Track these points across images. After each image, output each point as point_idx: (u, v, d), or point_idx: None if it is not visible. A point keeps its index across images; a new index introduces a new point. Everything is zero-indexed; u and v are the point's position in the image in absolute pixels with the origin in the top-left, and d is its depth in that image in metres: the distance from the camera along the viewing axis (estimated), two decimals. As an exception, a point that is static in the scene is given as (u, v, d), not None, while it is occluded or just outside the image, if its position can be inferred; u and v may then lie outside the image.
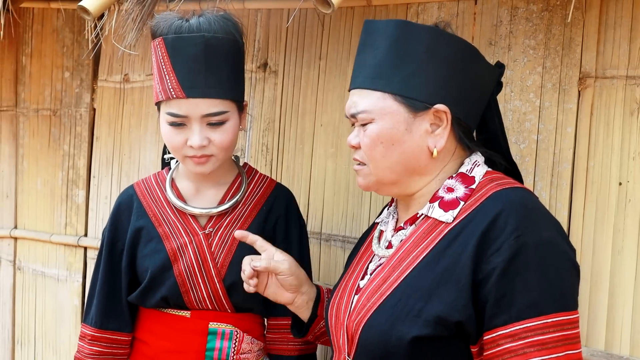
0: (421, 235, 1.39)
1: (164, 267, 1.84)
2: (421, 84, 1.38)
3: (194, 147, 1.73)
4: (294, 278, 1.66)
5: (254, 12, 2.46)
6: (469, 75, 1.43)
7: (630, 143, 1.75)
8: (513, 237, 1.25)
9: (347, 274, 1.58)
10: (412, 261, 1.36)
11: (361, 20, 2.24)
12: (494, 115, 1.51)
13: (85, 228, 3.01)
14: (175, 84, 1.71)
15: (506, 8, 1.94)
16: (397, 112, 1.38)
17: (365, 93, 1.42)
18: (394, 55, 1.39)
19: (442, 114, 1.39)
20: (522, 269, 1.24)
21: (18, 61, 3.20)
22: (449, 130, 1.40)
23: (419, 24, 1.44)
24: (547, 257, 1.26)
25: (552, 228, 1.31)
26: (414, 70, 1.38)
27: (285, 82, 2.43)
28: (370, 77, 1.41)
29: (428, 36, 1.39)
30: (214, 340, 1.85)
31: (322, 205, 2.34)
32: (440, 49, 1.39)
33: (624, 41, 1.77)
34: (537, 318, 1.22)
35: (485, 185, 1.38)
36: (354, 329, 1.39)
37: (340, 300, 1.51)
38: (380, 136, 1.39)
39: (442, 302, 1.28)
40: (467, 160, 1.45)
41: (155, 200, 1.91)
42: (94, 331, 1.91)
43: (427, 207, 1.41)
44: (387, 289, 1.36)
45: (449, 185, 1.42)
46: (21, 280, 3.24)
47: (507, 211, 1.29)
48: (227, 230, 1.86)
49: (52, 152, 3.11)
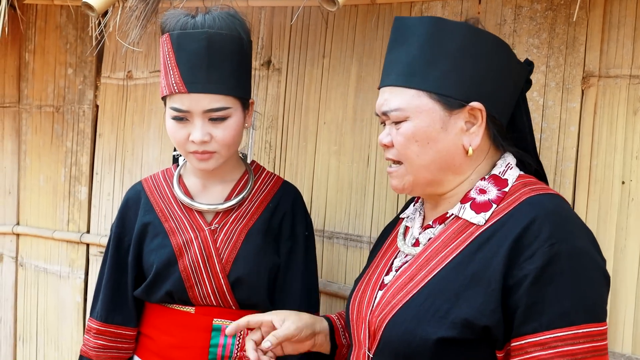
0: (451, 235, 1.37)
1: (169, 262, 1.85)
2: (456, 82, 1.36)
3: (195, 142, 1.75)
4: (305, 330, 1.60)
5: (258, 9, 2.47)
6: (502, 72, 1.41)
7: (633, 142, 1.75)
8: (547, 244, 1.24)
9: (370, 268, 1.57)
10: (441, 261, 1.34)
11: (365, 18, 2.25)
12: (523, 114, 1.50)
13: (87, 225, 3.02)
14: (178, 79, 1.73)
15: (510, 7, 1.95)
16: (432, 110, 1.36)
17: (398, 91, 1.39)
18: (428, 52, 1.37)
19: (477, 111, 1.37)
20: (554, 277, 1.23)
21: (21, 57, 3.20)
22: (484, 129, 1.38)
23: (452, 20, 1.42)
24: (580, 266, 1.25)
25: (585, 237, 1.30)
26: (449, 67, 1.36)
27: (288, 79, 2.43)
28: (403, 75, 1.39)
29: (462, 33, 1.37)
30: (217, 336, 1.85)
31: (325, 202, 2.35)
32: (474, 46, 1.37)
33: (628, 40, 1.77)
34: (568, 328, 1.21)
35: (518, 190, 1.36)
36: (377, 325, 1.38)
37: (363, 294, 1.50)
38: (415, 135, 1.37)
39: (470, 306, 1.26)
40: (500, 161, 1.43)
41: (163, 196, 1.92)
42: (99, 325, 1.92)
43: (458, 208, 1.40)
44: (413, 288, 1.35)
45: (481, 186, 1.40)
46: (23, 276, 3.24)
47: (542, 218, 1.27)
48: (232, 226, 1.87)
49: (55, 149, 3.11)
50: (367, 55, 2.24)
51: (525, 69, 1.49)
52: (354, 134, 2.27)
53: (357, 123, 2.26)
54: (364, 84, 2.25)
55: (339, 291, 2.29)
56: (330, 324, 1.69)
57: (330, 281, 2.33)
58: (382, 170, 2.21)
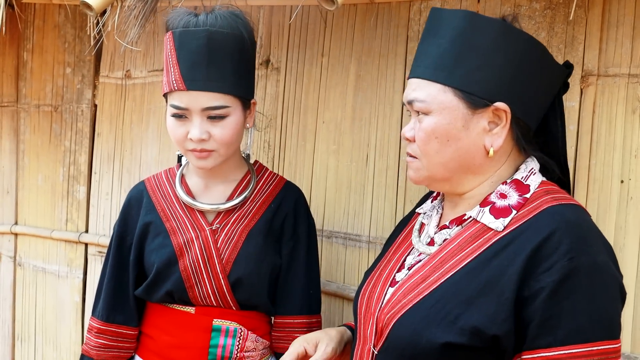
0: (467, 238, 1.34)
1: (170, 262, 1.84)
2: (483, 80, 1.33)
3: (193, 139, 1.75)
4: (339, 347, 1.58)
5: (257, 8, 2.46)
6: (534, 74, 1.37)
7: (632, 141, 1.75)
8: (566, 258, 1.21)
9: (382, 262, 1.54)
10: (455, 265, 1.32)
11: (364, 17, 2.24)
12: (557, 117, 1.46)
13: (86, 224, 3.01)
14: (178, 76, 1.73)
15: (509, 6, 1.95)
16: (455, 108, 1.33)
17: (425, 83, 1.36)
18: (459, 47, 1.34)
19: (502, 112, 1.34)
20: (572, 292, 1.20)
21: (19, 57, 3.19)
22: (508, 130, 1.35)
23: (487, 16, 1.38)
24: (598, 282, 1.22)
25: (605, 252, 1.27)
26: (478, 64, 1.33)
27: (287, 79, 2.43)
28: (431, 68, 1.36)
29: (495, 29, 1.33)
30: (217, 337, 1.85)
31: (324, 202, 2.35)
32: (507, 44, 1.34)
33: (627, 39, 1.77)
34: (584, 345, 1.19)
35: (540, 197, 1.33)
36: (384, 322, 1.36)
37: (373, 289, 1.48)
38: (435, 131, 1.35)
39: (481, 313, 1.24)
40: (522, 166, 1.40)
41: (165, 196, 1.93)
42: (100, 324, 1.92)
43: (477, 211, 1.37)
44: (425, 289, 1.32)
45: (502, 191, 1.37)
46: (22, 276, 3.24)
47: (562, 230, 1.24)
48: (234, 226, 1.87)
49: (53, 148, 3.10)
50: (366, 54, 2.24)
51: (564, 71, 1.45)
52: (353, 133, 2.27)
53: (356, 122, 2.26)
54: (362, 83, 2.25)
55: (338, 291, 2.29)
56: (351, 332, 1.66)
57: (329, 280, 2.33)
58: (381, 169, 2.21)
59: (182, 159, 2.01)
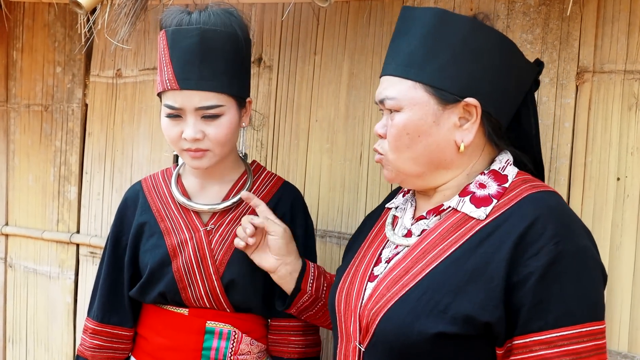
0: (448, 228, 1.36)
1: (163, 263, 1.82)
2: (453, 76, 1.35)
3: (187, 139, 1.73)
4: (283, 243, 1.69)
5: (248, 6, 2.44)
6: (505, 71, 1.39)
7: (628, 138, 1.74)
8: (552, 242, 1.23)
9: (356, 258, 1.54)
10: (439, 254, 1.33)
11: (356, 14, 2.22)
12: (531, 114, 1.48)
13: (77, 225, 2.99)
14: (171, 76, 1.70)
15: (503, 2, 1.93)
16: (426, 104, 1.35)
17: (396, 81, 1.39)
18: (429, 44, 1.36)
19: (472, 108, 1.36)
20: (560, 276, 1.23)
21: (9, 56, 3.16)
22: (478, 126, 1.37)
23: (457, 14, 1.40)
24: (583, 266, 1.25)
25: (586, 236, 1.30)
26: (448, 61, 1.35)
27: (279, 77, 2.41)
28: (402, 65, 1.38)
29: (465, 27, 1.35)
30: (211, 339, 1.83)
31: (318, 201, 2.33)
32: (476, 41, 1.35)
33: (622, 35, 1.76)
34: (573, 327, 1.22)
35: (518, 186, 1.36)
36: (370, 318, 1.36)
37: (351, 285, 1.47)
38: (407, 126, 1.37)
39: (470, 301, 1.25)
40: (498, 157, 1.43)
41: (160, 196, 1.90)
42: (95, 325, 1.90)
43: (457, 201, 1.38)
44: (410, 281, 1.33)
45: (481, 181, 1.39)
46: (12, 277, 3.20)
47: (546, 216, 1.27)
48: (228, 227, 1.84)
49: (44, 148, 3.07)
50: (358, 52, 2.22)
51: (534, 69, 1.47)
52: (346, 131, 2.25)
53: (350, 120, 2.24)
54: (355, 81, 2.23)
55: (332, 290, 2.27)
56: (303, 268, 1.74)
57: (323, 280, 2.31)
58: (375, 168, 2.19)
59: (179, 158, 1.98)
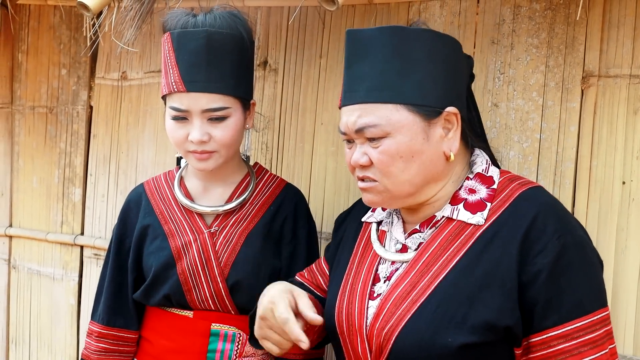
0: (447, 238, 1.34)
1: (167, 265, 1.82)
2: (431, 89, 1.34)
3: (194, 141, 1.73)
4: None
5: (254, 9, 2.45)
6: (460, 71, 1.43)
7: (633, 142, 1.74)
8: (555, 237, 1.26)
9: (348, 275, 1.50)
10: (445, 265, 1.32)
11: (362, 18, 2.23)
12: (472, 108, 1.50)
13: (81, 226, 2.99)
14: (178, 78, 1.71)
15: (509, 6, 1.94)
16: (413, 123, 1.32)
17: (372, 107, 1.33)
18: (398, 63, 1.32)
19: (452, 116, 1.36)
20: (566, 269, 1.25)
21: (14, 58, 3.17)
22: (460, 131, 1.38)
23: (412, 27, 1.39)
24: (584, 255, 1.28)
25: (580, 227, 1.34)
26: (421, 76, 1.33)
27: (285, 80, 2.41)
28: (375, 90, 1.33)
29: (427, 38, 1.35)
30: (216, 341, 1.83)
31: (323, 204, 2.33)
32: (439, 50, 1.36)
33: (628, 40, 1.76)
34: (585, 317, 1.24)
35: (507, 185, 1.37)
36: (382, 337, 1.33)
37: (350, 305, 1.44)
38: (399, 151, 1.33)
39: (487, 308, 1.25)
40: (478, 160, 1.43)
41: (163, 199, 1.91)
42: (100, 328, 1.91)
43: (450, 209, 1.38)
44: (420, 296, 1.31)
45: (470, 186, 1.39)
46: (16, 279, 3.21)
47: (544, 212, 1.29)
48: (232, 229, 1.85)
49: (49, 150, 3.08)
50: (364, 56, 2.22)
51: (469, 63, 1.50)
52: (352, 134, 2.25)
53: (355, 124, 2.24)
54: (361, 85, 2.23)
55: (337, 293, 2.27)
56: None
57: (327, 283, 2.31)
58: (380, 171, 2.19)
59: (181, 161, 1.99)
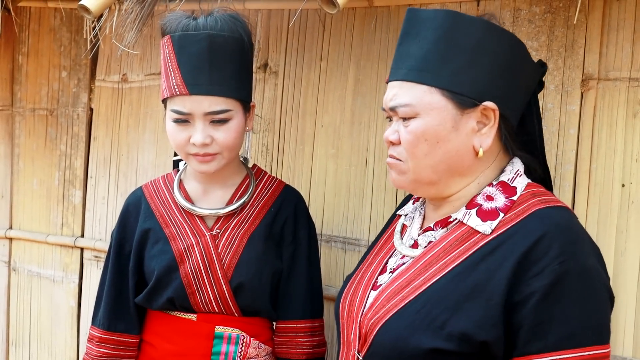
0: (453, 242, 1.32)
1: (170, 269, 1.83)
2: (471, 80, 1.31)
3: (196, 144, 1.73)
4: None
5: (255, 12, 2.45)
6: (517, 72, 1.36)
7: (633, 145, 1.75)
8: (557, 262, 1.20)
9: (363, 265, 1.52)
10: (441, 268, 1.30)
11: (362, 21, 2.24)
12: (534, 116, 1.45)
13: (82, 229, 2.99)
14: (180, 81, 1.71)
15: (509, 10, 1.94)
16: (444, 109, 1.30)
17: (409, 86, 1.33)
18: (444, 47, 1.31)
19: (490, 112, 1.32)
20: (563, 297, 1.19)
21: (14, 60, 3.17)
22: (496, 130, 1.34)
23: (468, 15, 1.37)
24: (588, 287, 1.21)
25: (593, 256, 1.26)
26: (464, 64, 1.30)
27: (285, 82, 2.42)
28: (415, 70, 1.32)
29: (479, 29, 1.32)
30: (220, 344, 1.83)
31: (323, 206, 2.34)
32: (491, 43, 1.32)
33: (627, 43, 1.77)
34: (575, 350, 1.18)
35: (527, 200, 1.31)
36: (368, 327, 1.33)
37: (354, 293, 1.45)
38: (425, 133, 1.31)
39: (468, 318, 1.22)
40: (508, 167, 1.38)
41: (163, 202, 1.90)
42: (101, 333, 1.90)
43: (463, 213, 1.34)
44: (410, 293, 1.30)
45: (489, 193, 1.35)
46: (16, 281, 3.21)
47: (552, 234, 1.22)
48: (234, 231, 1.85)
49: (49, 152, 3.08)
50: (364, 58, 2.23)
51: (539, 70, 1.45)
52: (352, 137, 2.26)
53: (355, 126, 2.25)
54: (361, 87, 2.24)
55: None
56: None
57: (328, 285, 2.31)
58: (380, 173, 2.20)
59: (179, 164, 1.99)
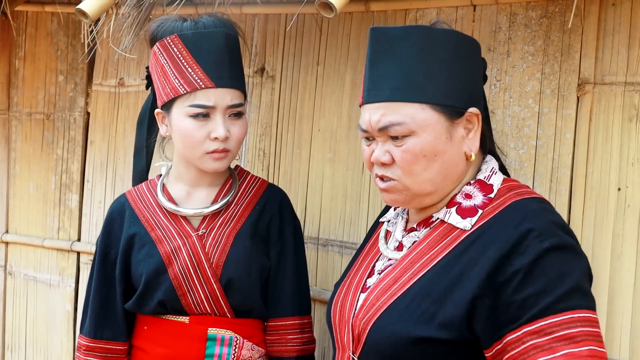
0: (436, 238, 1.38)
1: (158, 271, 1.82)
2: (455, 90, 1.37)
3: (219, 138, 1.76)
4: None
5: (252, 16, 2.46)
6: (478, 71, 1.45)
7: (629, 149, 1.76)
8: (537, 241, 1.24)
9: (351, 271, 1.56)
10: (426, 264, 1.35)
11: (359, 25, 2.24)
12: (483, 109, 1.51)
13: (78, 233, 2.99)
14: (202, 75, 1.74)
15: (505, 14, 1.95)
16: (437, 123, 1.35)
17: (397, 105, 1.35)
18: (424, 63, 1.35)
19: (474, 116, 1.39)
20: (545, 269, 1.23)
21: (11, 64, 3.17)
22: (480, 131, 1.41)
23: (438, 28, 1.41)
24: (571, 258, 1.26)
25: (571, 236, 1.31)
26: (446, 76, 1.36)
27: (282, 87, 2.42)
28: (400, 89, 1.35)
29: (452, 38, 1.38)
30: (213, 346, 1.83)
31: (320, 210, 2.34)
32: (464, 51, 1.39)
33: (623, 48, 1.78)
34: (563, 313, 1.20)
35: (503, 194, 1.38)
36: (361, 327, 1.37)
37: (345, 297, 1.49)
38: (423, 150, 1.35)
39: (456, 306, 1.27)
40: (484, 166, 1.45)
41: (147, 206, 1.91)
42: (88, 341, 1.89)
43: (444, 212, 1.40)
44: (398, 290, 1.35)
45: (467, 191, 1.41)
46: (12, 285, 3.20)
47: (529, 218, 1.28)
48: (220, 230, 1.86)
49: (45, 156, 3.08)
50: (361, 63, 2.24)
51: (483, 65, 1.51)
52: (349, 141, 2.26)
53: (352, 130, 2.25)
54: (358, 91, 2.24)
55: (334, 299, 2.28)
56: None
57: (324, 289, 2.31)
58: (377, 177, 2.20)
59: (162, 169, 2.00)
